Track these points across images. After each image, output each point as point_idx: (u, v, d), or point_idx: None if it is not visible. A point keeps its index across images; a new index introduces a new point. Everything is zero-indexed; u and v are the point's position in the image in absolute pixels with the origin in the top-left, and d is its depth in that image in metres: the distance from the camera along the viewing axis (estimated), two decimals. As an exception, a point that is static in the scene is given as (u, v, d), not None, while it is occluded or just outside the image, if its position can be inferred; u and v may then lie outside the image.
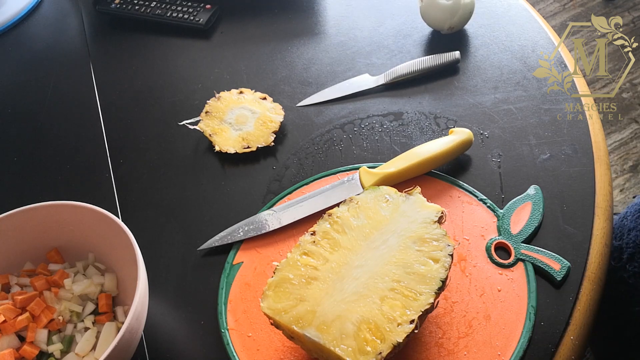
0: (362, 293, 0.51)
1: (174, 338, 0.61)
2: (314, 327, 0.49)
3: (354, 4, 0.95)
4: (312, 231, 0.56)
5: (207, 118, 0.77)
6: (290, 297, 0.52)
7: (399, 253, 0.54)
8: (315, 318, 0.50)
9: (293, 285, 0.52)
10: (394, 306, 0.50)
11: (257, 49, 0.91)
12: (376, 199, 0.58)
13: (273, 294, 0.52)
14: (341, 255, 0.54)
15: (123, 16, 0.99)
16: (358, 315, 0.50)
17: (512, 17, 0.87)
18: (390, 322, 0.49)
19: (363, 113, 0.78)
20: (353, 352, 0.48)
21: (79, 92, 0.90)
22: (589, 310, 0.57)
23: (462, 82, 0.80)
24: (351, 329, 0.49)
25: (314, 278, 0.53)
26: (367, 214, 0.57)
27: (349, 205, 0.58)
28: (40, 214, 0.61)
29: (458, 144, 0.68)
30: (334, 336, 0.49)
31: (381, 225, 0.56)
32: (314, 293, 0.52)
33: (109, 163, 0.78)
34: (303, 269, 0.53)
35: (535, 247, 0.60)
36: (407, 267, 0.52)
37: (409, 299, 0.51)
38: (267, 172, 0.73)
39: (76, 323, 0.59)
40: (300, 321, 0.50)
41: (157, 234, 0.70)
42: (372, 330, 0.49)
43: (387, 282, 0.52)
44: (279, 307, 0.51)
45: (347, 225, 0.56)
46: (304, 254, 0.54)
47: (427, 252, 0.53)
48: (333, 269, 0.53)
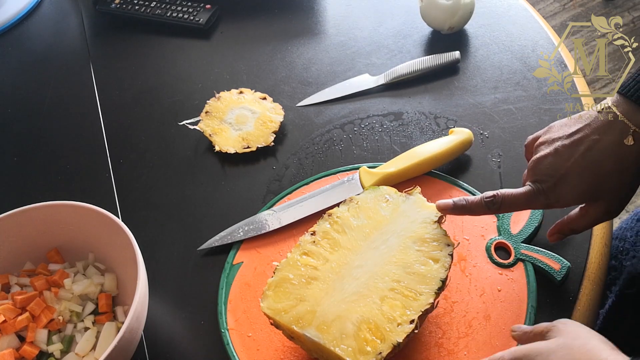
0: (362, 293, 0.51)
1: (174, 338, 0.61)
2: (314, 327, 0.49)
3: (354, 4, 0.95)
4: (312, 231, 0.56)
5: (207, 118, 0.77)
6: (291, 297, 0.52)
7: (399, 253, 0.54)
8: (315, 318, 0.50)
9: (293, 285, 0.52)
10: (394, 306, 0.50)
11: (257, 49, 0.90)
12: (376, 199, 0.58)
13: (273, 294, 0.52)
14: (341, 255, 0.54)
15: (123, 16, 0.99)
16: (358, 315, 0.50)
17: (512, 17, 0.87)
18: (390, 322, 0.49)
19: (363, 113, 0.78)
20: (353, 352, 0.48)
21: (79, 92, 0.90)
22: (589, 310, 0.57)
23: (462, 82, 0.80)
24: (351, 329, 0.49)
25: (314, 278, 0.53)
26: (367, 214, 0.57)
27: (349, 205, 0.58)
28: (40, 214, 0.61)
29: (458, 144, 0.68)
30: (334, 336, 0.49)
31: (381, 225, 0.56)
32: (314, 293, 0.52)
33: (109, 163, 0.78)
34: (303, 269, 0.53)
35: (535, 247, 0.60)
36: (407, 267, 0.52)
37: (409, 299, 0.51)
38: (267, 172, 0.73)
39: (76, 323, 0.59)
40: (300, 321, 0.50)
41: (157, 234, 0.70)
42: (372, 330, 0.49)
43: (387, 282, 0.52)
44: (279, 307, 0.51)
45: (347, 225, 0.56)
46: (304, 254, 0.54)
47: (427, 252, 0.53)
48: (333, 269, 0.53)
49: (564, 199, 0.53)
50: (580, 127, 0.52)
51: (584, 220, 0.55)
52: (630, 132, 0.50)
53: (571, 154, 0.52)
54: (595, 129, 0.51)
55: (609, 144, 0.50)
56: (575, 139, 0.52)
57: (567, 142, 0.52)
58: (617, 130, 0.50)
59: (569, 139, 0.53)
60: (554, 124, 0.56)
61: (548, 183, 0.53)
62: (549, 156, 0.53)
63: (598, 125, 0.51)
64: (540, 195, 0.53)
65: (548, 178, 0.53)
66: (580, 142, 0.52)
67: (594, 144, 0.51)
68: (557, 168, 0.52)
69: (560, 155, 0.53)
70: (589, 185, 0.52)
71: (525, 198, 0.54)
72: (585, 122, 0.52)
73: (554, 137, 0.54)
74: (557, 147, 0.53)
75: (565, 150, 0.52)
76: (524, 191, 0.54)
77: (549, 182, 0.53)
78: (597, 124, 0.51)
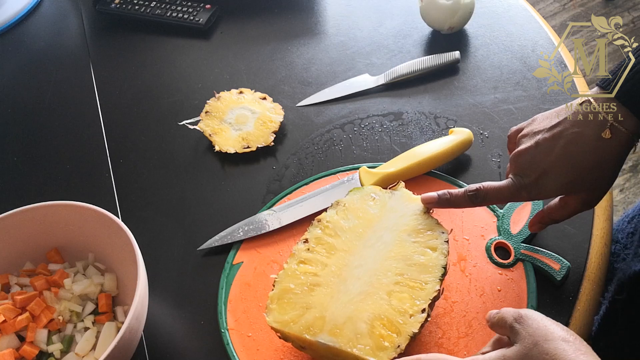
0: (368, 291, 0.51)
1: (174, 338, 0.61)
2: (327, 332, 0.49)
3: (354, 4, 0.95)
4: (305, 239, 0.56)
5: (207, 118, 0.77)
6: (296, 307, 0.51)
7: (396, 247, 0.54)
8: (326, 323, 0.50)
9: (296, 294, 0.52)
10: (402, 299, 0.51)
11: (257, 49, 0.90)
12: (362, 199, 0.58)
13: (277, 307, 0.51)
14: (339, 258, 0.54)
15: (123, 16, 0.99)
16: (369, 314, 0.50)
17: (512, 17, 0.87)
18: (402, 314, 0.50)
19: (363, 113, 0.78)
20: (371, 349, 0.48)
21: (79, 92, 0.90)
22: (588, 310, 0.57)
23: (462, 82, 0.80)
24: (365, 328, 0.49)
25: (317, 284, 0.52)
26: (356, 214, 0.57)
27: (336, 209, 0.58)
28: (40, 214, 0.61)
29: (458, 144, 0.68)
30: (349, 338, 0.49)
31: (372, 224, 0.56)
32: (319, 299, 0.51)
33: (109, 163, 0.78)
34: (303, 277, 0.53)
35: (535, 247, 0.60)
36: (407, 260, 0.53)
37: (415, 289, 0.51)
38: (267, 172, 0.73)
39: (76, 323, 0.59)
40: (311, 329, 0.49)
41: (157, 234, 0.70)
42: (385, 325, 0.49)
43: (391, 277, 0.52)
44: (286, 319, 0.50)
45: (339, 228, 0.56)
46: (301, 262, 0.54)
47: (424, 242, 0.54)
48: (334, 272, 0.53)
49: (546, 192, 0.53)
50: (561, 121, 0.52)
51: (563, 211, 0.56)
52: (607, 126, 0.50)
53: (552, 147, 0.52)
54: (576, 122, 0.51)
55: (588, 137, 0.51)
56: (555, 132, 0.52)
57: (547, 136, 0.53)
58: (596, 124, 0.50)
59: (550, 132, 0.53)
60: (537, 116, 0.56)
61: (530, 178, 0.53)
62: (530, 149, 0.53)
63: (578, 119, 0.51)
64: (522, 189, 0.54)
65: (529, 172, 0.53)
66: (560, 135, 0.52)
67: (574, 137, 0.51)
68: (538, 162, 0.53)
69: (541, 149, 0.53)
70: (569, 179, 0.52)
71: (508, 191, 0.54)
72: (566, 115, 0.52)
73: (536, 129, 0.54)
74: (538, 140, 0.53)
75: (545, 143, 0.52)
76: (507, 184, 0.55)
77: (531, 177, 0.53)
78: (577, 117, 0.51)
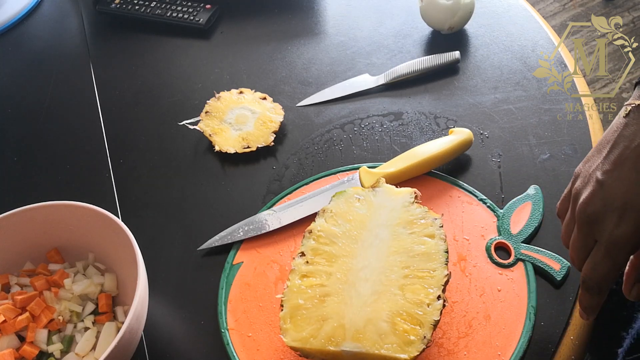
0: (380, 290, 0.51)
1: (174, 338, 0.61)
2: (349, 339, 0.49)
3: (354, 4, 0.95)
4: (301, 252, 0.55)
5: (207, 118, 0.77)
6: (311, 321, 0.51)
7: (394, 242, 0.54)
8: (347, 330, 0.49)
9: (308, 309, 0.51)
10: (415, 290, 0.51)
11: (257, 49, 0.91)
12: (347, 202, 0.58)
13: (292, 325, 0.51)
14: (342, 264, 0.54)
15: (123, 16, 0.99)
16: (387, 312, 0.50)
17: (512, 17, 0.87)
18: (419, 305, 0.50)
19: (363, 113, 0.78)
20: (399, 346, 0.48)
21: (79, 92, 0.90)
22: (589, 310, 0.57)
23: (462, 82, 0.80)
24: (387, 327, 0.49)
25: (326, 294, 0.52)
26: (346, 218, 0.57)
27: (324, 217, 0.57)
28: (40, 214, 0.61)
29: (458, 144, 0.68)
30: (374, 340, 0.48)
31: (365, 224, 0.56)
32: (332, 308, 0.51)
33: (109, 163, 0.78)
34: (310, 290, 0.52)
35: (535, 247, 0.60)
36: (409, 252, 0.53)
37: (425, 278, 0.51)
38: (267, 172, 0.73)
39: (76, 323, 0.59)
40: (333, 339, 0.49)
41: (157, 234, 0.70)
42: (406, 320, 0.49)
43: (398, 272, 0.52)
44: (304, 335, 0.50)
45: (332, 235, 0.56)
46: (304, 276, 0.54)
47: (420, 231, 0.54)
48: (340, 279, 0.53)
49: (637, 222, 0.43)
50: (615, 142, 0.44)
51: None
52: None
53: (620, 176, 0.43)
54: (632, 134, 0.43)
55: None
56: (615, 157, 0.44)
57: (608, 167, 0.44)
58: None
59: (608, 160, 0.44)
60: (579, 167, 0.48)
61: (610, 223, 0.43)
62: (595, 194, 0.44)
63: (633, 130, 0.43)
64: (611, 246, 0.44)
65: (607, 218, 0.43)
66: (622, 157, 0.43)
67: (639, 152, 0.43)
68: (612, 201, 0.43)
69: (607, 185, 0.44)
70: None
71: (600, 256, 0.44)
72: (615, 135, 0.44)
73: (590, 169, 0.46)
74: (598, 179, 0.44)
75: (609, 176, 0.44)
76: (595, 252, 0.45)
77: (612, 222, 0.43)
78: (631, 129, 0.43)
